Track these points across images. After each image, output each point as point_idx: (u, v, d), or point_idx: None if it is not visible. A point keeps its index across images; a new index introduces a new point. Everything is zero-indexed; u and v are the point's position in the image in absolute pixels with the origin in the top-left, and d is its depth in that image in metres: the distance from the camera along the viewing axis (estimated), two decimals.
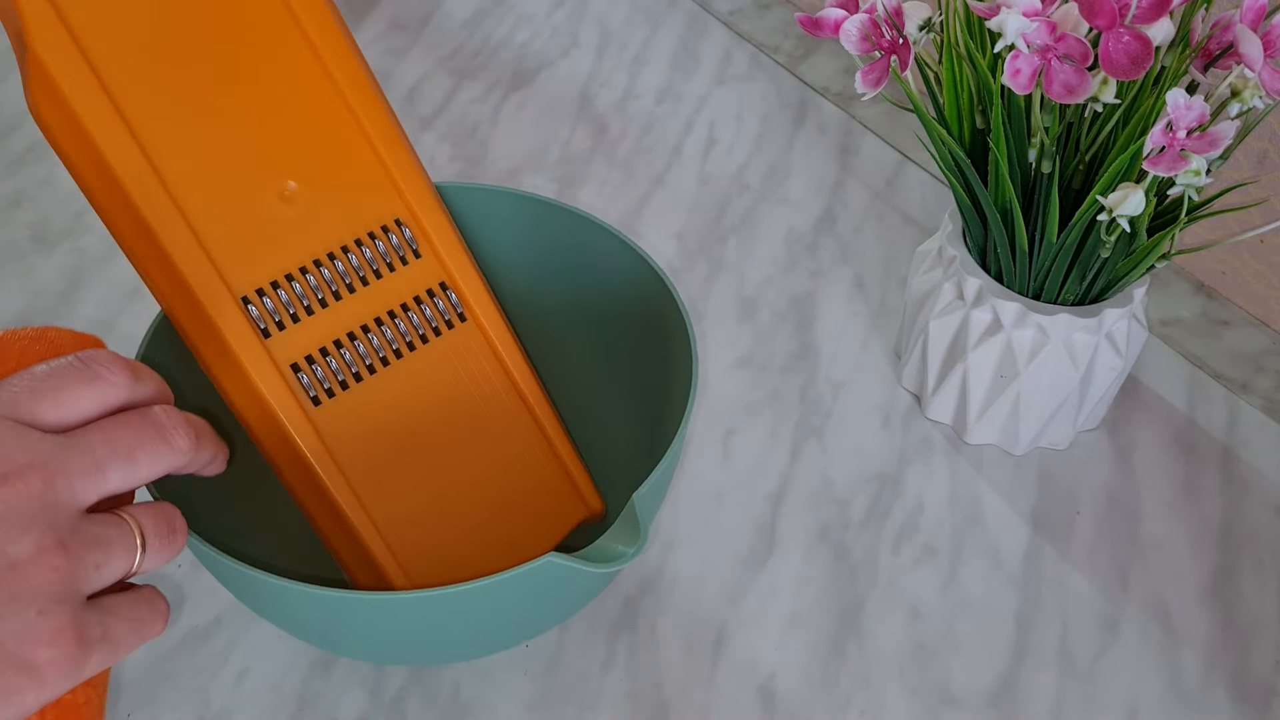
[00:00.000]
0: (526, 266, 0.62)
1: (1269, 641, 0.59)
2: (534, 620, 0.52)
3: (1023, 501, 0.64)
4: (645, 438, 0.59)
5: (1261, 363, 0.71)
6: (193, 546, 0.46)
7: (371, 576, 0.52)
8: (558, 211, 0.60)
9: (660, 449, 0.51)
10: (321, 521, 0.51)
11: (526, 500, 0.57)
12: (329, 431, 0.50)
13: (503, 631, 0.52)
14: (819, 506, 0.63)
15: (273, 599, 0.48)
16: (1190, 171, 0.49)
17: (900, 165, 0.84)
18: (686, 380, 0.53)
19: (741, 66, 0.91)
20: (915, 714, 0.55)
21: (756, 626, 0.58)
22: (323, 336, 0.50)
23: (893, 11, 0.54)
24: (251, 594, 0.49)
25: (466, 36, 0.93)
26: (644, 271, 0.58)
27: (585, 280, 0.61)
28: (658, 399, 0.58)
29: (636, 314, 0.59)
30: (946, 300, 0.63)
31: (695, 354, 0.54)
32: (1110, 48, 0.49)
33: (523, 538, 0.56)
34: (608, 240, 0.59)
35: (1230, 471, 0.66)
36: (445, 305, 0.55)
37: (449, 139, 0.84)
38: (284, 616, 0.50)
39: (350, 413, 0.51)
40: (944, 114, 0.59)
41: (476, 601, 0.46)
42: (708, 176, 0.82)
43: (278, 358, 0.49)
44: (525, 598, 0.48)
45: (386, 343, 0.52)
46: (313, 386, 0.50)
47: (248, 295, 0.48)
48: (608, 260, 0.59)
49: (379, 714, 0.54)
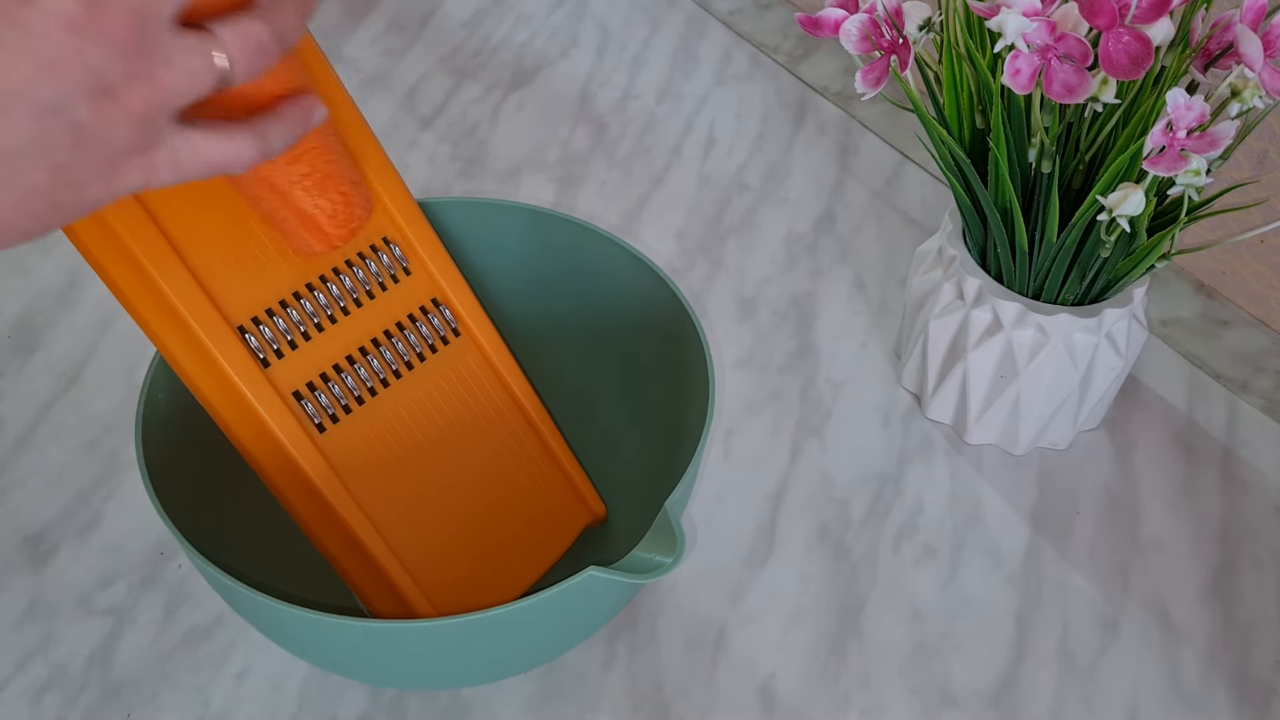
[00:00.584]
0: (530, 278, 0.62)
1: (1269, 641, 0.59)
2: (569, 635, 0.52)
3: (1023, 501, 0.64)
4: (655, 444, 0.59)
5: (1261, 363, 0.71)
6: (218, 583, 0.46)
7: (391, 601, 0.51)
8: (559, 222, 0.60)
9: (674, 454, 0.51)
10: (335, 550, 0.50)
11: (532, 509, 0.57)
12: (337, 458, 0.49)
13: (539, 648, 0.51)
14: (819, 506, 0.63)
15: (306, 634, 0.47)
16: (1190, 171, 0.49)
17: (900, 165, 0.84)
18: (703, 386, 0.53)
19: (741, 66, 0.91)
20: (915, 714, 0.55)
21: (756, 626, 0.58)
22: (322, 362, 0.50)
23: (893, 11, 0.54)
24: (279, 627, 0.48)
25: (466, 36, 0.93)
26: (651, 280, 0.57)
27: (591, 289, 0.61)
28: (666, 404, 0.58)
29: (644, 322, 0.59)
30: (946, 300, 0.63)
31: (710, 361, 0.53)
32: (1110, 48, 0.49)
33: (532, 547, 0.56)
34: (612, 249, 0.59)
35: (1230, 471, 0.66)
36: (440, 321, 0.55)
37: (449, 139, 0.84)
38: (316, 651, 0.50)
39: (356, 437, 0.50)
40: (944, 114, 0.59)
41: (517, 621, 0.46)
42: (707, 176, 0.82)
43: (280, 386, 0.48)
44: (565, 612, 0.48)
45: (385, 364, 0.52)
46: (317, 414, 0.49)
47: (244, 325, 0.48)
48: (613, 269, 0.59)
49: (379, 714, 0.54)
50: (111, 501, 0.62)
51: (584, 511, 0.59)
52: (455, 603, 0.52)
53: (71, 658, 0.56)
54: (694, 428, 0.52)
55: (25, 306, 0.71)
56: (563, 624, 0.49)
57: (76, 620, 0.57)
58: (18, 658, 0.56)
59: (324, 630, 0.45)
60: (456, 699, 0.55)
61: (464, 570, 0.53)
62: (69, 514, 0.61)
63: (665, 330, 0.57)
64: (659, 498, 0.49)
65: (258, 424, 0.48)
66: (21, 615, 0.57)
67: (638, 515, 0.56)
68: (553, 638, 0.50)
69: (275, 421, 0.48)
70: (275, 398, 0.48)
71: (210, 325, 0.47)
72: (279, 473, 0.48)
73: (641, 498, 0.56)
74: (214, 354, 0.47)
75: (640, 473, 0.59)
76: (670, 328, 0.57)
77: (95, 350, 0.69)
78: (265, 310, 0.49)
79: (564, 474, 0.58)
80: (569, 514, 0.58)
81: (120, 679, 0.55)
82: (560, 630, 0.50)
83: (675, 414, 0.56)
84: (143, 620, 0.57)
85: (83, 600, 0.58)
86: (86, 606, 0.58)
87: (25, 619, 0.57)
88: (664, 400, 0.58)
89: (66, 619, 0.57)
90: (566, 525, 0.58)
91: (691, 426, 0.52)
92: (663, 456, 0.57)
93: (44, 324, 0.70)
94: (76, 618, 0.57)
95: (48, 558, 0.60)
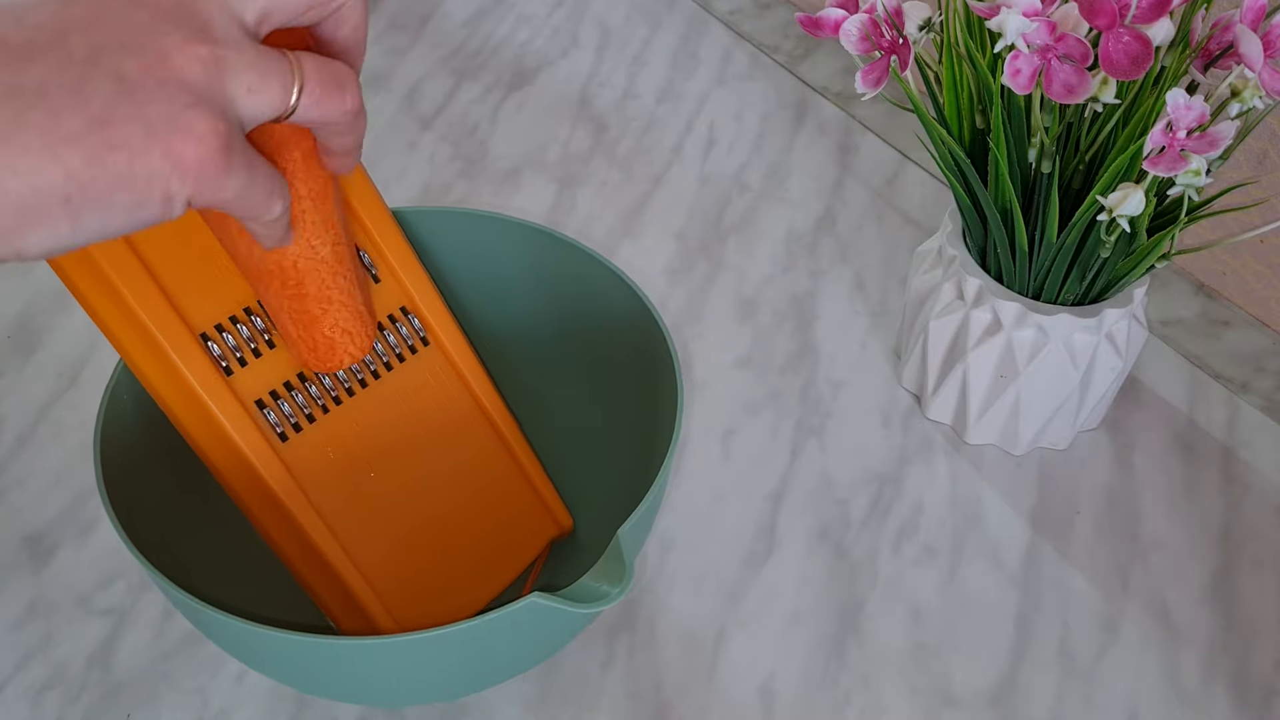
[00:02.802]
0: (508, 291, 0.61)
1: (1269, 641, 0.59)
2: (517, 659, 0.51)
3: (1023, 501, 0.64)
4: (631, 462, 0.58)
5: (1261, 363, 0.71)
6: (177, 600, 0.45)
7: (352, 614, 0.51)
8: (534, 233, 0.59)
9: (648, 474, 0.50)
10: (297, 562, 0.50)
11: (498, 521, 0.56)
12: (299, 467, 0.49)
13: (485, 671, 0.50)
14: (819, 506, 0.63)
15: (250, 645, 0.46)
16: (1190, 171, 0.49)
17: (900, 165, 0.84)
18: (672, 411, 0.51)
19: (741, 66, 0.91)
20: (915, 714, 0.55)
21: (756, 626, 0.58)
22: (285, 370, 0.49)
23: (893, 11, 0.54)
24: (234, 643, 0.47)
25: (466, 36, 0.93)
26: (629, 297, 0.56)
27: (569, 304, 0.60)
28: (640, 420, 0.57)
29: (622, 338, 0.58)
30: (946, 300, 0.63)
31: (679, 378, 0.52)
32: (1110, 48, 0.49)
33: (496, 559, 0.56)
34: (591, 265, 0.58)
35: (1230, 471, 0.66)
36: (409, 330, 0.54)
37: (449, 139, 0.84)
38: (262, 662, 0.49)
39: (319, 446, 0.50)
40: (944, 114, 0.59)
41: (459, 642, 0.45)
42: (707, 176, 0.82)
43: (242, 395, 0.48)
44: (508, 638, 0.47)
45: (350, 372, 0.51)
46: (279, 423, 0.49)
47: (207, 332, 0.47)
48: (591, 285, 0.58)
49: (379, 714, 0.54)
50: None
51: (550, 523, 0.58)
52: (417, 616, 0.52)
53: (71, 658, 0.56)
54: (664, 451, 0.50)
55: (25, 306, 0.71)
56: (508, 647, 0.48)
57: (76, 620, 0.57)
58: (18, 658, 0.56)
59: (243, 636, 0.45)
60: (454, 700, 0.55)
61: (427, 582, 0.53)
62: (69, 514, 0.61)
63: (638, 344, 0.56)
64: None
65: (219, 432, 0.47)
66: (21, 615, 0.57)
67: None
68: (498, 661, 0.49)
69: (236, 430, 0.47)
70: (237, 406, 0.47)
71: (171, 332, 0.46)
72: (240, 482, 0.48)
73: (620, 519, 0.55)
74: (175, 361, 0.46)
75: (618, 492, 0.58)
76: (643, 341, 0.56)
77: (95, 350, 0.69)
78: (229, 317, 0.48)
79: (530, 485, 0.58)
80: (535, 526, 0.58)
81: (120, 679, 0.55)
82: (506, 653, 0.49)
83: (649, 431, 0.55)
84: (143, 620, 0.57)
85: (83, 600, 0.58)
86: (86, 606, 0.58)
87: (25, 619, 0.57)
88: (638, 416, 0.57)
89: (66, 619, 0.57)
90: (532, 537, 0.58)
91: (661, 450, 0.51)
92: (638, 476, 0.55)
93: (44, 324, 0.70)
94: (76, 618, 0.57)
95: (48, 558, 0.60)
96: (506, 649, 0.48)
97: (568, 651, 0.57)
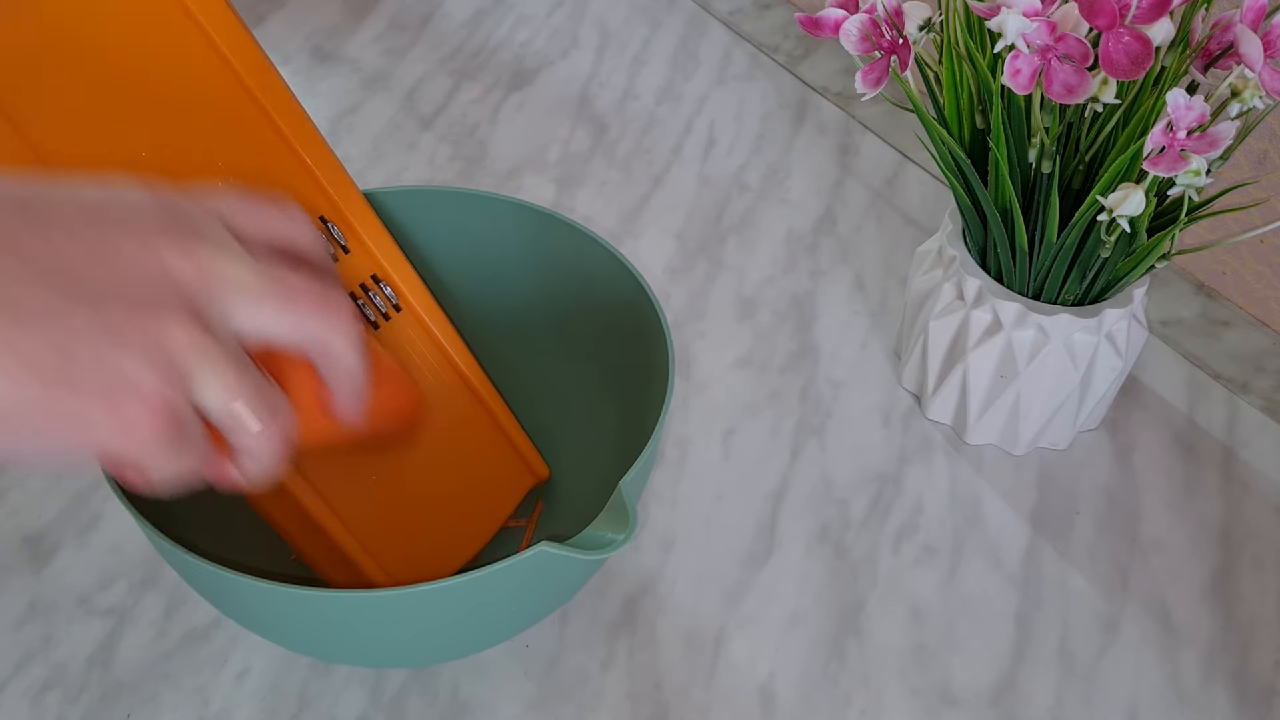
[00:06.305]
0: (488, 263, 0.63)
1: (1269, 641, 0.59)
2: (524, 612, 0.52)
3: (1023, 501, 0.64)
4: (625, 425, 0.59)
5: (1261, 363, 0.71)
6: (177, 560, 0.46)
7: (348, 574, 0.52)
8: (530, 212, 0.60)
9: (642, 436, 0.52)
10: (290, 527, 0.51)
11: (478, 474, 0.58)
12: None
13: (494, 625, 0.51)
14: (819, 506, 0.63)
15: (258, 604, 0.47)
16: (1190, 172, 0.49)
17: (900, 165, 0.84)
18: (663, 362, 0.53)
19: (741, 66, 0.91)
20: (915, 714, 0.55)
21: (756, 626, 0.58)
22: None
23: (893, 11, 0.54)
24: (239, 603, 0.48)
25: (466, 36, 0.93)
26: (619, 271, 0.58)
27: (562, 280, 0.61)
28: (632, 381, 0.58)
29: (615, 310, 0.59)
30: (946, 300, 0.63)
31: (668, 334, 0.54)
32: (1110, 48, 0.49)
33: (476, 513, 0.58)
34: (583, 242, 0.59)
35: (1230, 471, 0.66)
36: (381, 298, 0.55)
37: (449, 139, 0.84)
38: (268, 623, 0.49)
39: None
40: (944, 114, 0.59)
41: (468, 594, 0.46)
42: (707, 176, 0.82)
43: None
44: (517, 588, 0.48)
45: None
46: None
47: None
48: (585, 262, 0.60)
49: (378, 714, 0.54)
50: (111, 501, 0.62)
51: (527, 473, 0.60)
52: (408, 571, 0.53)
53: (71, 658, 0.56)
54: (657, 406, 0.52)
55: None
56: (516, 599, 0.49)
57: (76, 620, 0.57)
58: (18, 658, 0.56)
59: (274, 599, 0.45)
60: (455, 699, 0.55)
61: (412, 537, 0.54)
62: (69, 514, 0.61)
63: (641, 325, 0.57)
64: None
65: None
66: (21, 615, 0.57)
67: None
68: (506, 614, 0.50)
69: None
70: None
71: None
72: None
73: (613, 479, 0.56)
74: None
75: (617, 457, 0.59)
76: (628, 298, 0.57)
77: None
78: None
79: (507, 439, 0.59)
80: (513, 477, 0.60)
81: (120, 679, 0.55)
82: (514, 606, 0.50)
83: (639, 393, 0.57)
84: (143, 620, 0.57)
85: (83, 600, 0.58)
86: (86, 606, 0.58)
87: (25, 619, 0.57)
88: (631, 377, 0.59)
89: (66, 619, 0.57)
90: (511, 487, 0.60)
91: (655, 406, 0.53)
92: (630, 435, 0.57)
93: None
94: (76, 618, 0.57)
95: (48, 558, 0.60)
96: (515, 599, 0.49)
97: (568, 651, 0.57)
